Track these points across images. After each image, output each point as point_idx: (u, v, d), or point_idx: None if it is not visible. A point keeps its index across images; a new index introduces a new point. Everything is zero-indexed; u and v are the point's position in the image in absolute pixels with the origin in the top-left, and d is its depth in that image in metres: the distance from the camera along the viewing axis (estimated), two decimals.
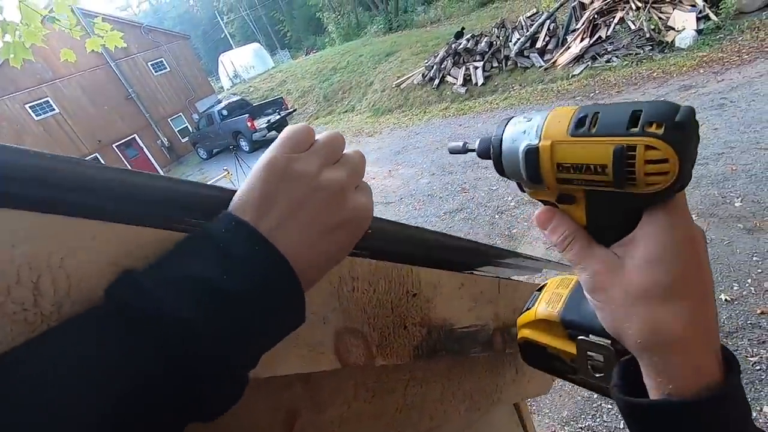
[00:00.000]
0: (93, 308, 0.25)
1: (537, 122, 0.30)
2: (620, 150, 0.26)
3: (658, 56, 7.12)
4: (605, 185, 0.28)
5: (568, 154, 0.28)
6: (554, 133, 0.29)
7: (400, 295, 0.45)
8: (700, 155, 3.05)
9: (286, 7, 37.87)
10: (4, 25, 2.04)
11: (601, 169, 0.27)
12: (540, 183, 0.31)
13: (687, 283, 0.29)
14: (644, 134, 0.25)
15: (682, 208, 0.30)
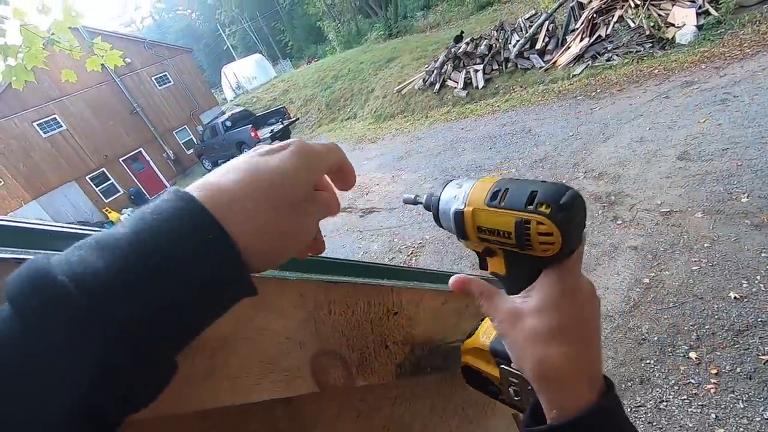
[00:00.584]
0: None
1: (465, 190, 0.38)
2: (519, 222, 0.33)
3: (659, 53, 7.08)
4: (512, 247, 0.35)
5: (485, 219, 0.36)
6: (476, 201, 0.36)
7: (380, 315, 0.45)
8: (705, 152, 3.00)
9: (286, 17, 38.27)
10: (6, 49, 2.09)
11: (507, 234, 0.34)
12: (467, 239, 0.38)
13: (569, 327, 0.35)
14: (536, 212, 0.32)
15: (573, 266, 0.35)
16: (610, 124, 5.79)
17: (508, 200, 0.34)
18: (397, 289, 0.47)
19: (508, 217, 0.33)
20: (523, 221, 0.33)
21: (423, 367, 0.50)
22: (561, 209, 0.32)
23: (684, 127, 4.87)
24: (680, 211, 3.62)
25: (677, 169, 4.18)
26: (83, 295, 0.22)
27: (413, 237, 5.21)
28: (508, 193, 0.34)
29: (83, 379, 0.22)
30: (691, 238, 3.28)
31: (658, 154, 4.59)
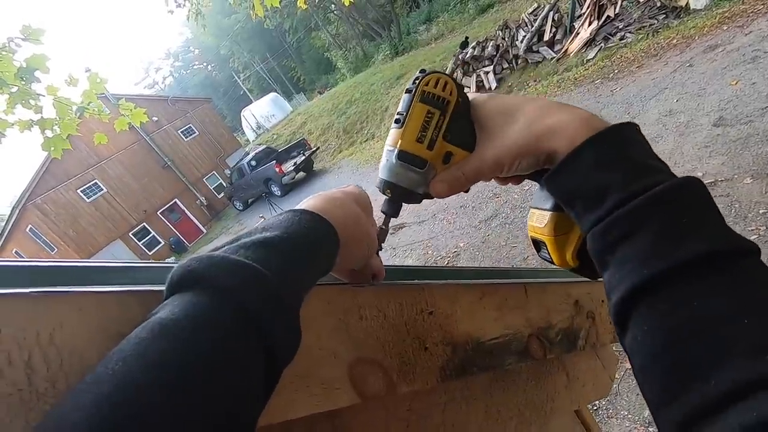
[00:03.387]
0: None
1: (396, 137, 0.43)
2: (426, 96, 0.41)
3: (675, 22, 6.82)
4: (441, 121, 0.41)
5: (413, 129, 0.41)
6: (406, 138, 0.41)
7: (413, 315, 0.43)
8: (743, 114, 2.85)
9: (295, 54, 39.64)
10: (43, 123, 2.27)
11: (430, 116, 0.41)
12: (425, 166, 0.41)
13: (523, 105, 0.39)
14: (424, 84, 0.42)
15: (480, 101, 0.42)
16: (634, 103, 5.58)
17: (405, 103, 0.42)
18: (429, 288, 0.45)
19: (422, 108, 0.41)
20: (426, 94, 0.40)
21: (469, 367, 0.48)
22: (434, 71, 0.41)
23: (714, 92, 4.63)
24: (726, 180, 3.40)
25: (715, 136, 3.95)
26: (273, 274, 0.28)
27: (447, 246, 5.13)
28: (403, 101, 0.42)
29: (274, 332, 0.28)
30: (744, 207, 3.07)
31: (691, 124, 4.37)
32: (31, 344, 0.25)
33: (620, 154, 0.32)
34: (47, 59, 2.13)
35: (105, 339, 0.27)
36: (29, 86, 2.12)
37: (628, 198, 0.30)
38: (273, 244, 0.31)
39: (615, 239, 0.30)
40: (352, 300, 0.39)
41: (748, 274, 0.27)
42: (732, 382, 0.23)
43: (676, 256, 0.27)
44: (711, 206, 0.30)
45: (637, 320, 0.28)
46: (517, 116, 0.38)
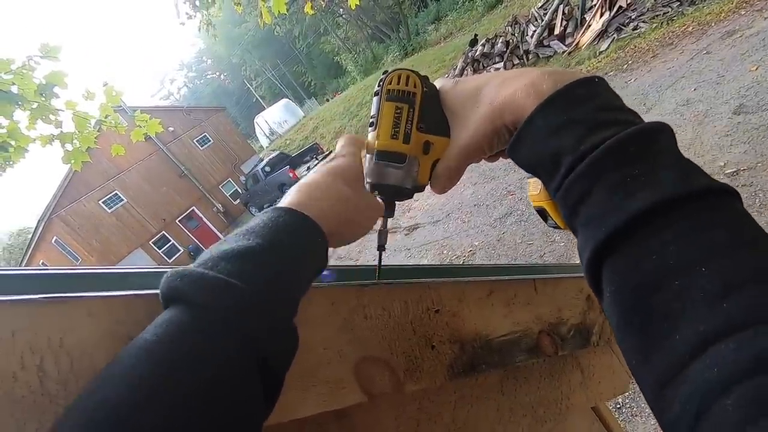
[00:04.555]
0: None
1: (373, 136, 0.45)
2: (393, 94, 0.42)
3: (690, 9, 6.65)
4: (411, 114, 0.42)
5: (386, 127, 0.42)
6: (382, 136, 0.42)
7: (419, 313, 0.43)
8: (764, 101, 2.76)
9: (306, 59, 39.98)
10: (62, 137, 2.34)
11: (398, 111, 0.42)
12: (405, 160, 0.42)
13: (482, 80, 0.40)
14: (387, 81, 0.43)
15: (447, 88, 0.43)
16: (650, 93, 5.46)
17: (374, 105, 0.43)
18: (435, 286, 0.45)
19: (390, 106, 0.42)
20: (391, 92, 0.41)
21: (477, 365, 0.47)
22: (395, 69, 0.43)
23: (734, 79, 4.49)
24: (749, 169, 3.29)
25: (736, 124, 3.83)
26: (252, 287, 0.29)
27: (462, 246, 5.10)
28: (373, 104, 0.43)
29: (259, 341, 0.28)
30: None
31: (710, 113, 4.25)
32: (42, 348, 0.26)
33: (570, 116, 0.31)
34: (65, 75, 2.20)
35: (113, 341, 0.28)
36: (49, 102, 2.20)
37: (580, 158, 0.29)
38: (253, 254, 0.31)
39: (575, 202, 0.30)
40: (357, 299, 0.39)
41: (705, 218, 0.25)
42: (693, 335, 0.22)
43: (629, 210, 0.26)
44: (668, 150, 0.29)
45: (606, 282, 0.28)
46: (480, 98, 0.38)
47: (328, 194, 0.38)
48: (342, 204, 0.38)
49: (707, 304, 0.22)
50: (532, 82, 0.34)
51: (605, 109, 0.31)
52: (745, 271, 0.23)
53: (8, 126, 2.29)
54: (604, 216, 0.28)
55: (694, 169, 0.28)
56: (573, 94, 0.32)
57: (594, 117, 0.31)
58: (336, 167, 0.41)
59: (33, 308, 0.26)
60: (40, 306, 0.26)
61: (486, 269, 0.59)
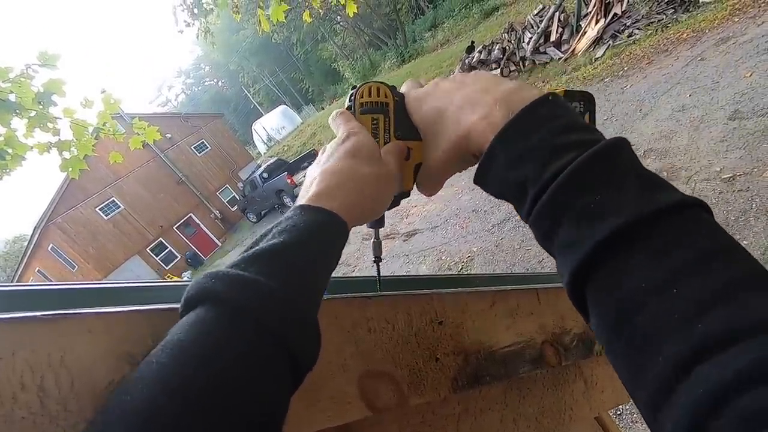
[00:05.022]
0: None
1: None
2: (368, 105, 0.44)
3: (684, 16, 6.73)
4: (387, 124, 0.43)
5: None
6: None
7: (423, 325, 0.43)
8: (759, 106, 2.77)
9: (303, 66, 40.14)
10: (60, 144, 2.34)
11: (375, 122, 0.44)
12: None
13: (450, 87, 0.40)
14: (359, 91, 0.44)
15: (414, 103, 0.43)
16: (646, 99, 5.50)
17: None
18: (438, 297, 0.45)
19: (366, 119, 0.43)
20: (364, 104, 0.43)
21: (481, 376, 0.47)
22: (364, 83, 0.44)
23: (728, 85, 4.54)
24: (745, 174, 3.31)
25: (731, 130, 3.86)
26: (277, 283, 0.29)
27: (461, 252, 5.10)
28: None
29: (280, 329, 0.28)
30: (765, 200, 2.98)
31: (706, 119, 4.28)
32: (43, 367, 0.25)
33: (527, 144, 0.31)
34: (63, 83, 2.20)
35: (114, 359, 0.27)
36: (47, 110, 2.20)
37: (543, 188, 0.30)
38: (278, 252, 0.31)
39: (545, 231, 0.30)
40: (360, 312, 0.39)
41: (671, 235, 0.25)
42: (676, 358, 0.22)
43: (596, 237, 0.27)
44: (627, 168, 0.29)
45: (589, 306, 0.28)
46: (444, 123, 0.39)
47: (350, 178, 0.38)
48: (364, 185, 0.38)
49: (684, 324, 0.23)
50: (487, 114, 0.34)
51: (561, 132, 0.31)
52: (716, 288, 0.23)
53: (5, 134, 2.28)
54: (574, 245, 0.28)
55: (656, 185, 0.28)
56: (527, 120, 0.32)
57: (551, 142, 0.31)
58: (353, 148, 0.40)
59: (33, 326, 0.26)
60: (40, 324, 0.26)
61: (488, 278, 0.58)
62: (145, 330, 0.29)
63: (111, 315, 0.28)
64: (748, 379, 0.19)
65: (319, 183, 0.37)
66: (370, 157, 0.40)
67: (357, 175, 0.38)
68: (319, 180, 0.38)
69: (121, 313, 0.28)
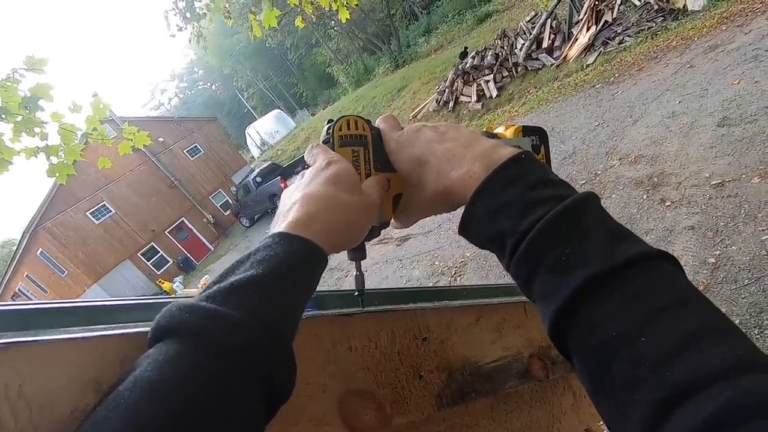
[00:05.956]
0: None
1: None
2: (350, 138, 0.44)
3: (673, 24, 6.83)
4: (367, 154, 0.44)
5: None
6: None
7: (407, 343, 0.42)
8: (747, 113, 2.80)
9: (297, 71, 40.16)
10: (48, 149, 2.30)
11: (356, 155, 0.44)
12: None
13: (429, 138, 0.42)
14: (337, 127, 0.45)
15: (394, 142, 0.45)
16: (636, 106, 5.56)
17: None
18: (422, 312, 0.44)
19: (347, 152, 0.43)
20: (343, 137, 0.43)
21: (467, 393, 0.46)
22: (341, 117, 0.44)
23: (717, 92, 4.60)
24: (733, 180, 3.35)
25: (720, 136, 3.91)
26: (258, 319, 0.29)
27: (454, 257, 5.10)
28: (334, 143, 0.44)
29: (262, 368, 0.28)
30: (753, 207, 3.02)
31: (695, 125, 4.33)
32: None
33: (503, 200, 0.34)
34: (51, 88, 2.17)
35: (79, 387, 0.26)
36: (33, 115, 2.16)
37: (519, 240, 0.32)
38: (256, 284, 0.31)
39: (524, 281, 0.33)
40: (341, 331, 0.38)
41: (637, 286, 0.28)
42: (651, 405, 0.24)
43: (567, 289, 0.29)
44: (596, 221, 0.32)
45: (572, 355, 0.30)
46: (427, 170, 0.41)
47: (330, 205, 0.38)
48: (344, 213, 0.39)
49: (655, 372, 0.25)
50: (468, 171, 0.37)
51: (533, 187, 0.34)
52: (681, 336, 0.25)
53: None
54: (549, 295, 0.30)
55: (623, 237, 0.31)
56: (503, 176, 0.35)
57: (525, 197, 0.34)
58: (334, 175, 0.40)
59: None
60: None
61: (474, 291, 0.58)
62: (114, 355, 0.27)
63: (77, 341, 0.27)
64: (716, 425, 0.21)
65: (299, 209, 0.37)
66: (351, 186, 0.40)
67: (337, 203, 0.38)
68: (298, 205, 0.38)
69: (88, 339, 0.27)
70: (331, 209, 0.37)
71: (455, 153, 0.39)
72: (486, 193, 0.35)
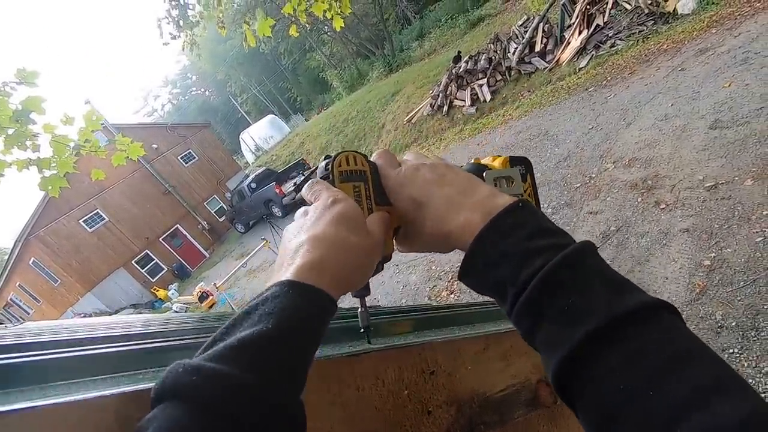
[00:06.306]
0: None
1: None
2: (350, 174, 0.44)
3: (664, 28, 6.91)
4: (368, 188, 0.44)
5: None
6: None
7: (414, 378, 0.41)
8: (738, 116, 2.82)
9: (291, 75, 40.15)
10: (40, 162, 2.27)
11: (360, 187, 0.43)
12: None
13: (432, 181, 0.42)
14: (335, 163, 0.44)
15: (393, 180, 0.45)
16: (629, 109, 5.60)
17: None
18: (429, 346, 0.43)
19: (348, 187, 0.43)
20: (344, 173, 0.43)
21: (476, 426, 0.45)
22: (339, 152, 0.44)
23: (708, 95, 4.65)
24: (727, 182, 3.38)
25: (712, 139, 3.95)
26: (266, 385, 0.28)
27: (450, 261, 5.10)
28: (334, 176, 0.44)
29: None
30: (747, 209, 3.04)
31: (688, 128, 4.37)
32: None
33: (503, 249, 0.35)
34: (43, 100, 2.14)
35: None
36: (25, 128, 2.13)
37: (520, 290, 0.32)
38: (266, 341, 0.29)
39: (525, 330, 0.33)
40: (348, 372, 0.37)
41: (641, 339, 0.28)
42: None
43: (570, 342, 0.29)
44: (595, 271, 0.32)
45: (576, 407, 0.30)
46: (426, 214, 0.42)
47: (340, 248, 0.37)
48: (354, 256, 0.38)
49: (663, 430, 0.24)
50: (467, 218, 0.38)
51: (532, 237, 0.34)
52: (688, 391, 0.25)
53: None
54: (553, 346, 0.30)
55: (623, 287, 0.31)
56: (502, 226, 0.36)
57: (524, 246, 0.34)
58: (340, 215, 0.39)
59: None
60: None
61: (482, 314, 0.56)
62: (112, 416, 0.26)
63: (77, 404, 0.25)
64: None
65: (307, 252, 0.36)
66: (358, 226, 0.40)
67: (346, 246, 0.37)
68: (306, 248, 0.36)
69: (89, 400, 0.26)
70: (340, 253, 0.37)
71: (453, 200, 0.40)
72: (485, 242, 0.36)
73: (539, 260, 0.32)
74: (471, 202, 0.39)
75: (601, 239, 3.75)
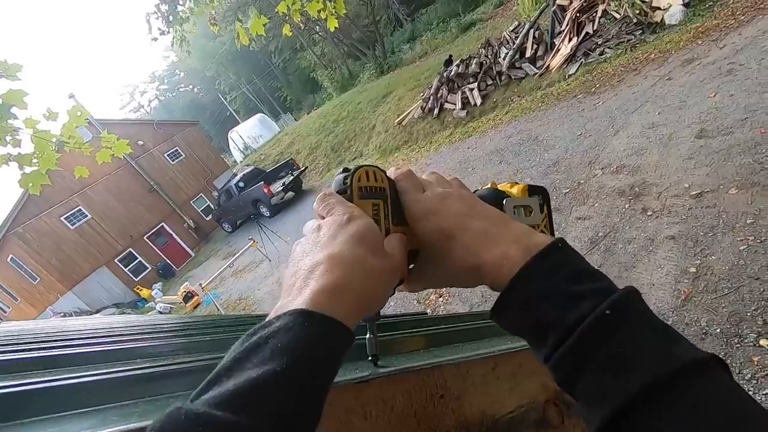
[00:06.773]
0: None
1: None
2: (367, 190, 0.41)
3: (651, 38, 7.03)
4: (387, 206, 0.41)
5: None
6: None
7: (423, 402, 0.39)
8: (723, 126, 2.86)
9: (281, 75, 39.93)
10: (21, 158, 2.19)
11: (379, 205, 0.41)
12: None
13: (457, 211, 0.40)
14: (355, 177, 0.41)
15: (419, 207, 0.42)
16: (618, 116, 5.68)
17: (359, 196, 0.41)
18: (438, 369, 0.41)
19: (366, 204, 0.40)
20: (364, 189, 0.40)
21: None
22: (359, 167, 0.41)
23: (695, 104, 4.74)
24: (712, 191, 3.44)
25: (698, 148, 4.02)
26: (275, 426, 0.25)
27: None
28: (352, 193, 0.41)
29: None
30: (731, 217, 3.10)
31: (674, 136, 4.45)
32: None
33: (546, 288, 0.33)
34: (25, 94, 2.06)
35: None
36: (5, 122, 2.06)
37: (565, 335, 0.31)
38: (280, 381, 0.26)
39: (566, 376, 0.31)
40: (355, 398, 0.34)
41: (697, 396, 0.27)
42: None
43: (620, 395, 0.28)
44: (645, 319, 0.30)
45: None
46: (456, 246, 0.39)
47: (359, 272, 0.34)
48: (374, 280, 0.35)
49: None
50: (505, 252, 0.36)
51: (577, 279, 0.33)
52: None
53: None
54: (602, 397, 0.29)
55: (674, 339, 0.29)
56: (546, 264, 0.34)
57: (569, 289, 0.32)
58: (359, 234, 0.36)
59: None
60: None
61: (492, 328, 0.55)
62: None
63: None
64: None
65: (324, 274, 0.33)
66: (376, 247, 0.37)
67: (366, 268, 0.35)
68: (323, 269, 0.33)
69: None
70: (360, 275, 0.34)
71: (489, 232, 0.38)
72: (526, 279, 0.34)
73: (585, 305, 0.31)
74: (509, 236, 0.37)
75: (589, 245, 3.78)
